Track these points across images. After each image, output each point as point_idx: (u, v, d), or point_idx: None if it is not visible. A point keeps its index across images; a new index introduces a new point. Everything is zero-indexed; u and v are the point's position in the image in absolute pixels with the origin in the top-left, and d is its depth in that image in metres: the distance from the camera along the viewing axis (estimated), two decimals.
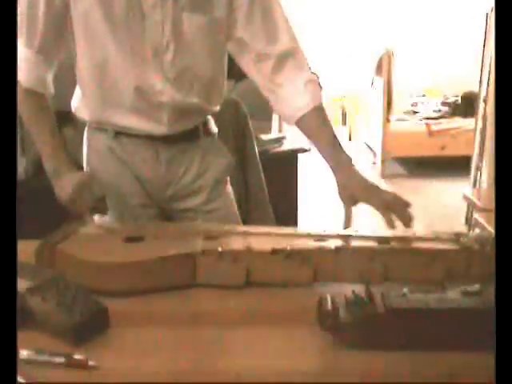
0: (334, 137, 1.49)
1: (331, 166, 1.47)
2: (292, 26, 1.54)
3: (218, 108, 1.67)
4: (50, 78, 1.53)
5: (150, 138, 1.58)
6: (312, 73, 1.55)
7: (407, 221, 1.33)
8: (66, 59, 1.54)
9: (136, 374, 0.89)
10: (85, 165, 1.67)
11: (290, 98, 1.51)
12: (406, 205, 1.35)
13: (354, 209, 1.43)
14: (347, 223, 1.38)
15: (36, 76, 1.49)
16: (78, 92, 1.62)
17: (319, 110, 1.51)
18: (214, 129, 1.71)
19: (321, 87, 1.54)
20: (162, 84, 1.49)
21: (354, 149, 7.57)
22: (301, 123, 1.52)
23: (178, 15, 1.43)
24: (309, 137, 1.53)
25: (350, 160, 1.47)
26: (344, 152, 1.48)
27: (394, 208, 1.34)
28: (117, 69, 1.47)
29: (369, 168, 6.50)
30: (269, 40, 1.50)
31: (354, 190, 1.41)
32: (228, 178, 1.75)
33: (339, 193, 1.44)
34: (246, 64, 1.56)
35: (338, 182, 1.45)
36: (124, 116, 1.53)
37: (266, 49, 1.51)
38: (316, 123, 1.51)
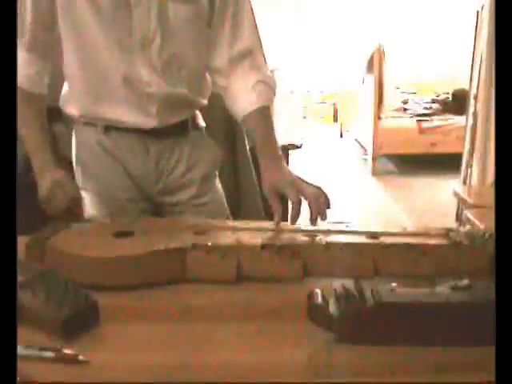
0: (272, 138, 1.51)
1: (261, 164, 1.48)
2: (257, 25, 1.57)
3: (206, 101, 1.68)
4: (42, 77, 1.53)
5: (140, 132, 1.58)
6: (268, 75, 1.57)
7: (315, 216, 1.32)
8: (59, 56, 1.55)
9: (126, 368, 0.89)
10: (74, 160, 1.67)
11: (238, 96, 1.54)
12: (325, 203, 1.34)
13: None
14: (277, 215, 1.38)
15: (26, 75, 1.49)
16: (65, 87, 1.62)
17: (263, 111, 1.52)
18: (202, 123, 1.72)
19: (273, 90, 1.56)
20: (150, 75, 1.50)
21: (345, 146, 7.60)
22: (244, 121, 1.54)
23: (164, 5, 1.44)
24: (249, 134, 1.57)
25: (281, 158, 1.48)
26: (277, 153, 1.49)
27: (311, 202, 1.33)
28: (104, 61, 1.47)
29: (359, 165, 6.52)
30: (232, 37, 1.53)
31: (275, 183, 1.40)
32: (217, 173, 1.76)
33: (263, 186, 1.44)
34: (207, 58, 1.58)
35: (263, 177, 1.45)
36: (113, 109, 1.53)
37: (227, 46, 1.54)
38: (257, 123, 1.53)
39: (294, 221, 1.34)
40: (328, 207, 1.34)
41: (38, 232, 1.27)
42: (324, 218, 1.32)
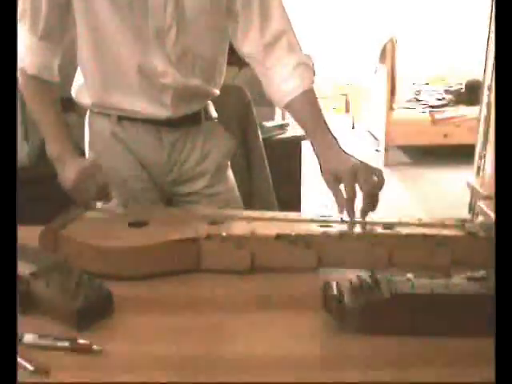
0: (322, 120, 1.46)
1: (315, 150, 1.43)
2: (285, 8, 1.52)
3: (218, 91, 1.66)
4: (54, 64, 1.53)
5: (153, 122, 1.58)
6: (305, 55, 1.52)
7: (366, 209, 1.28)
8: (70, 44, 1.54)
9: (140, 358, 0.89)
10: (87, 150, 1.67)
11: (279, 81, 1.49)
12: (377, 191, 1.29)
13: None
14: (341, 207, 1.30)
15: (40, 63, 1.49)
16: (79, 77, 1.61)
17: (308, 94, 1.48)
18: (214, 113, 1.71)
19: (313, 70, 1.51)
20: (165, 65, 1.49)
21: (357, 137, 7.58)
22: (289, 107, 1.50)
23: None
24: (297, 120, 1.51)
25: (336, 142, 1.42)
26: (330, 135, 1.44)
27: (365, 195, 1.28)
28: (119, 50, 1.47)
29: (372, 156, 6.50)
30: (262, 22, 1.49)
31: (334, 170, 1.35)
32: (229, 163, 1.76)
33: (321, 173, 1.40)
34: (240, 48, 1.55)
35: (320, 164, 1.40)
36: (127, 99, 1.53)
37: (259, 31, 1.49)
38: (304, 108, 1.48)
39: (351, 217, 1.28)
40: (380, 188, 1.29)
41: (52, 222, 1.27)
42: (374, 210, 1.28)
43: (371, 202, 1.28)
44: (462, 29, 6.99)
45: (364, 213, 1.28)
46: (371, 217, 1.29)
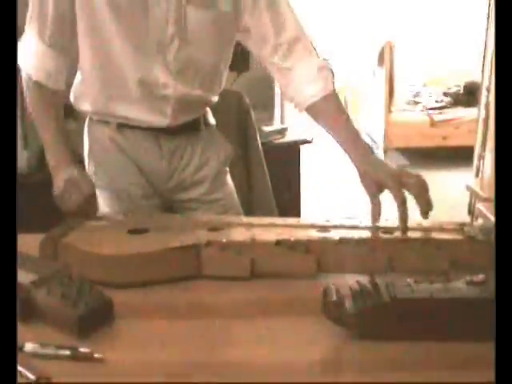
0: (350, 123, 1.46)
1: (349, 154, 1.42)
2: (297, 14, 1.53)
3: (217, 98, 1.67)
4: (61, 73, 1.52)
5: (153, 130, 1.58)
6: (323, 58, 1.53)
7: (426, 209, 1.27)
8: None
9: (142, 365, 0.89)
10: (86, 157, 1.67)
11: (301, 84, 1.49)
12: (427, 190, 1.29)
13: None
14: (375, 214, 1.30)
15: (46, 70, 1.49)
16: (77, 83, 1.61)
17: (333, 97, 1.49)
18: (212, 120, 1.72)
19: (333, 73, 1.52)
20: (166, 77, 1.49)
21: None
22: (313, 110, 1.49)
23: (182, 10, 1.43)
24: (323, 124, 1.50)
25: (369, 147, 1.43)
26: (362, 139, 1.44)
27: (418, 196, 1.28)
28: (121, 61, 1.47)
29: None
30: (276, 29, 1.50)
31: (376, 176, 1.34)
32: (227, 169, 1.76)
33: (362, 181, 1.38)
34: (257, 52, 1.55)
35: (358, 170, 1.39)
36: (127, 108, 1.53)
37: (274, 37, 1.50)
38: (330, 110, 1.48)
39: (404, 223, 1.25)
40: (428, 189, 1.29)
41: (52, 229, 1.28)
42: (431, 209, 1.28)
43: (427, 203, 1.28)
44: (460, 31, 6.99)
45: (425, 214, 1.27)
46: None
